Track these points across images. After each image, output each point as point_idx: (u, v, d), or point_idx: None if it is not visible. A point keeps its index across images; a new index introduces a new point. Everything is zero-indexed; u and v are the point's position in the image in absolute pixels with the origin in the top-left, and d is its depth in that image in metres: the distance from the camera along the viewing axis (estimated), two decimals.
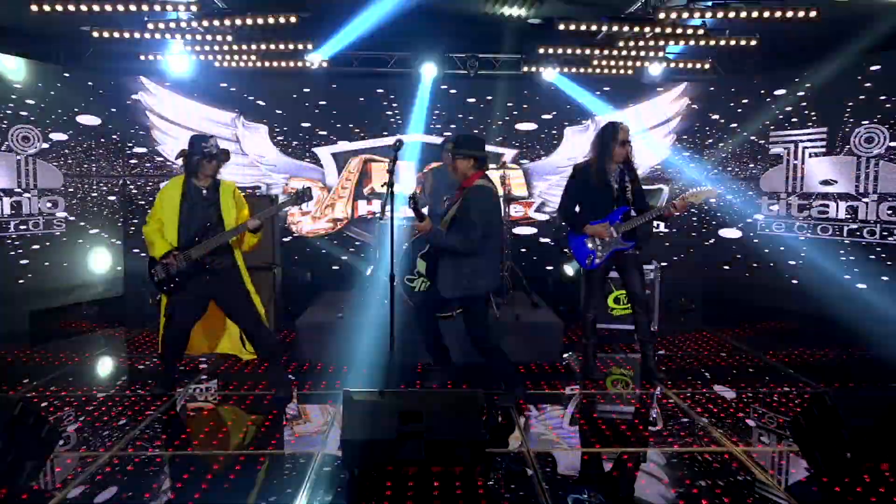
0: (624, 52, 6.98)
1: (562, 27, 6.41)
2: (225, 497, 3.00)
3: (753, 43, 6.55)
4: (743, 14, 5.95)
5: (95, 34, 6.34)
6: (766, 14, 5.90)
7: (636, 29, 6.38)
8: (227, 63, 7.11)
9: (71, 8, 5.65)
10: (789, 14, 5.85)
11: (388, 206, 3.73)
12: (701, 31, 6.44)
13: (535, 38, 6.92)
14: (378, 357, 4.95)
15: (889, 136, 5.88)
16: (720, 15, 6.01)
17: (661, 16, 6.11)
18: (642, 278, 4.61)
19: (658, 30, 6.38)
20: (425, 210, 6.54)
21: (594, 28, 6.42)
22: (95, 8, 5.67)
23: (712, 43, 6.58)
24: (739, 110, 7.27)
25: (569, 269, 7.26)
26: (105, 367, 5.08)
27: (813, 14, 5.81)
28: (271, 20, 6.20)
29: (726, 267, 7.38)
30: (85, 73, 7.07)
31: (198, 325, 4.31)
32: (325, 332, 5.19)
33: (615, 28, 6.41)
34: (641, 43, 6.81)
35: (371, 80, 7.61)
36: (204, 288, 4.19)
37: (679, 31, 6.42)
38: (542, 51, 6.96)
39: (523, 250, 7.75)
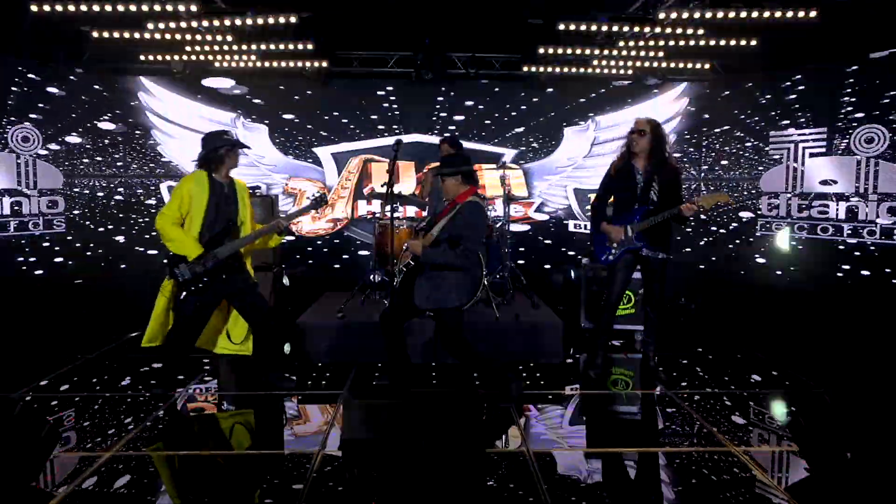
0: (624, 52, 6.99)
1: (562, 27, 6.42)
2: (225, 497, 2.99)
3: (753, 43, 6.55)
4: (743, 14, 5.96)
5: (95, 34, 6.34)
6: (766, 14, 5.91)
7: (636, 29, 6.39)
8: (227, 63, 7.11)
9: (71, 8, 5.66)
10: (789, 14, 5.86)
11: (387, 206, 3.73)
12: (701, 31, 6.44)
13: (535, 38, 6.93)
14: (377, 357, 4.96)
15: (889, 137, 5.87)
16: (720, 15, 6.02)
17: (661, 16, 6.12)
18: (663, 285, 4.59)
19: (658, 30, 6.39)
20: (424, 212, 6.57)
21: (594, 28, 6.43)
22: (95, 8, 5.68)
23: (712, 43, 6.59)
24: (739, 110, 7.27)
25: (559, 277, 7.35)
26: (105, 367, 5.08)
27: (813, 14, 5.82)
28: (271, 20, 6.22)
29: (725, 269, 7.39)
30: (84, 73, 7.06)
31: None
32: (325, 332, 5.19)
33: (615, 28, 6.42)
34: (641, 43, 6.81)
35: (371, 80, 7.61)
36: (223, 286, 4.17)
37: (679, 31, 6.43)
38: (542, 51, 6.96)
39: (522, 250, 7.76)
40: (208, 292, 4.14)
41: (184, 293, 4.16)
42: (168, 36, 6.42)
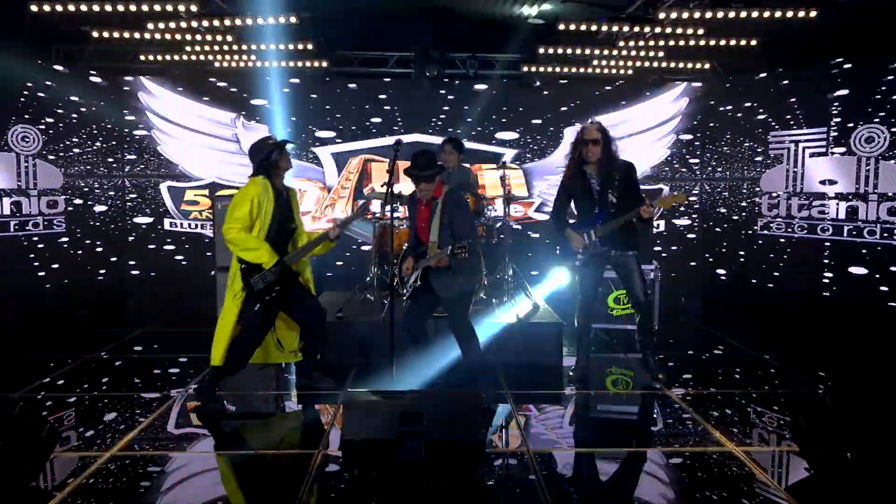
0: (624, 52, 6.99)
1: (562, 27, 6.42)
2: (225, 497, 2.99)
3: (753, 43, 6.56)
4: (743, 14, 5.96)
5: (95, 34, 6.34)
6: (766, 14, 5.91)
7: (636, 29, 6.40)
8: (227, 63, 7.12)
9: (71, 8, 5.66)
10: (789, 14, 5.86)
11: (388, 206, 3.74)
12: (701, 31, 6.45)
13: (535, 38, 6.93)
14: (377, 357, 4.95)
15: (889, 137, 5.87)
16: (720, 15, 6.02)
17: (661, 16, 6.12)
18: (643, 279, 4.58)
19: (658, 30, 6.39)
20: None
21: (594, 28, 6.43)
22: (95, 8, 5.68)
23: (712, 43, 6.59)
24: (739, 110, 7.27)
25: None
26: (105, 367, 5.07)
27: (812, 14, 5.82)
28: (271, 20, 6.22)
29: (725, 269, 7.39)
30: (84, 73, 7.06)
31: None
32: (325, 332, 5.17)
33: (615, 28, 6.42)
34: (641, 43, 6.82)
35: (371, 80, 7.61)
36: (285, 294, 4.08)
37: (679, 31, 6.43)
38: (542, 51, 6.96)
39: (521, 249, 7.75)
40: (279, 300, 4.05)
41: (257, 305, 4.00)
42: (168, 36, 6.42)
